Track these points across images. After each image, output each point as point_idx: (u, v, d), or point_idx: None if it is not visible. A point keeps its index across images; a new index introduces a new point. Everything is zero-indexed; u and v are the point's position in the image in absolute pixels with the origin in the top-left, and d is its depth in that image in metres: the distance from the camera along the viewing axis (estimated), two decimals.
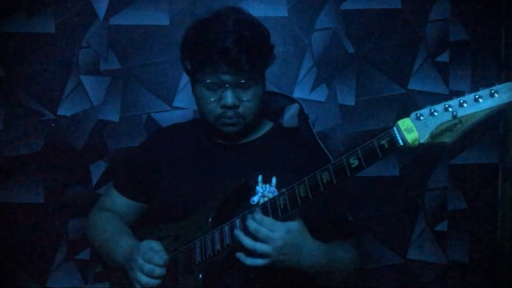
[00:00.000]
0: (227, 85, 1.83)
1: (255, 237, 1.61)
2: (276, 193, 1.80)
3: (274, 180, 1.85)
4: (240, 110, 1.87)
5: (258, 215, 1.62)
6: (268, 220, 1.61)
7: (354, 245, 1.92)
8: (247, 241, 1.61)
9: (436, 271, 2.68)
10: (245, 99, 1.86)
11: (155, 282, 1.75)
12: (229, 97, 1.83)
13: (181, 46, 1.94)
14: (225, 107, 1.85)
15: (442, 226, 2.68)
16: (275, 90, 2.49)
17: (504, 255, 2.65)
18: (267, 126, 2.06)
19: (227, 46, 1.78)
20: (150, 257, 1.76)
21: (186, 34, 1.93)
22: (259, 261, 1.61)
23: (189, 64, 1.93)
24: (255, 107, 1.89)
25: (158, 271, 1.75)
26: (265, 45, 1.92)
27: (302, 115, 2.25)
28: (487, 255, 2.68)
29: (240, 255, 1.63)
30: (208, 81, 1.85)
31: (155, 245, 1.79)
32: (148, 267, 1.75)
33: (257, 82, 1.88)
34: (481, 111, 1.30)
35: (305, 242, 1.65)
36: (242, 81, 1.83)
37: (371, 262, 2.66)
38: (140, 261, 1.76)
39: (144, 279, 1.75)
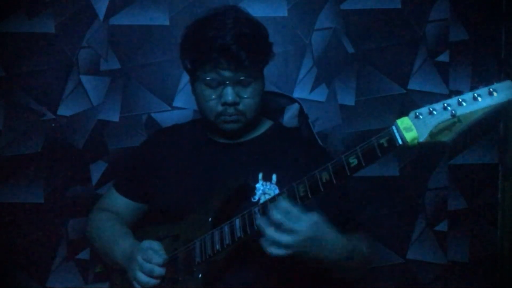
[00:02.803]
0: (227, 82, 1.83)
1: (277, 226, 1.53)
2: (276, 190, 1.80)
3: (274, 177, 1.84)
4: (241, 107, 1.87)
5: (284, 204, 1.54)
6: (294, 211, 1.53)
7: (366, 238, 1.89)
8: (271, 232, 1.53)
9: (436, 271, 2.68)
10: (245, 96, 1.87)
11: (154, 281, 1.75)
12: (229, 94, 1.84)
13: (181, 45, 1.95)
14: (225, 104, 1.85)
15: (442, 226, 2.68)
16: (275, 90, 2.50)
17: (504, 255, 2.65)
18: (267, 125, 2.06)
19: (226, 43, 1.79)
20: (150, 256, 1.76)
21: (186, 33, 1.94)
22: (281, 251, 1.54)
23: (188, 62, 1.93)
24: (255, 104, 1.90)
25: (158, 270, 1.75)
26: (264, 42, 1.92)
27: (302, 115, 2.25)
28: (487, 255, 2.68)
29: (264, 242, 1.55)
30: (208, 78, 1.85)
31: (155, 245, 1.80)
32: (147, 266, 1.75)
33: (256, 79, 1.88)
34: (480, 109, 1.30)
35: (328, 235, 1.59)
36: (242, 77, 1.84)
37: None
38: (140, 260, 1.76)
39: (144, 278, 1.75)
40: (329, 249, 1.59)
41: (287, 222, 1.51)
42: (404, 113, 1.43)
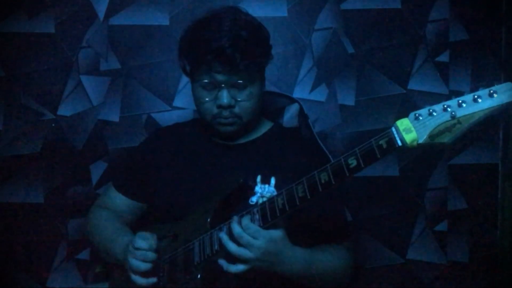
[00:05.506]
0: (223, 85, 1.83)
1: (238, 242, 1.64)
2: (275, 193, 1.80)
3: (273, 180, 1.84)
4: (236, 110, 1.87)
5: (245, 221, 1.64)
6: (253, 227, 1.63)
7: (347, 249, 1.92)
8: (231, 246, 1.64)
9: (436, 271, 2.68)
10: (241, 99, 1.86)
11: (147, 266, 1.77)
12: (224, 97, 1.83)
13: (179, 46, 1.94)
14: (220, 107, 1.85)
15: (442, 226, 2.67)
16: (275, 90, 2.49)
17: (504, 255, 2.65)
18: (267, 126, 2.05)
19: (221, 46, 1.78)
20: (140, 242, 1.78)
21: (184, 34, 1.93)
22: (240, 267, 1.64)
23: (185, 64, 1.93)
24: (251, 107, 1.89)
25: (150, 255, 1.77)
26: (262, 45, 1.90)
27: (302, 115, 2.24)
28: (487, 255, 2.68)
29: (223, 263, 1.66)
30: (204, 81, 1.85)
31: (145, 234, 1.81)
32: (140, 252, 1.77)
33: (253, 82, 1.87)
34: (480, 111, 1.30)
35: (285, 250, 1.68)
36: (239, 81, 1.83)
37: (371, 262, 2.66)
38: (131, 248, 1.79)
39: (136, 262, 1.77)
40: (285, 263, 1.68)
41: (246, 237, 1.61)
42: (404, 113, 1.43)
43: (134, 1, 2.56)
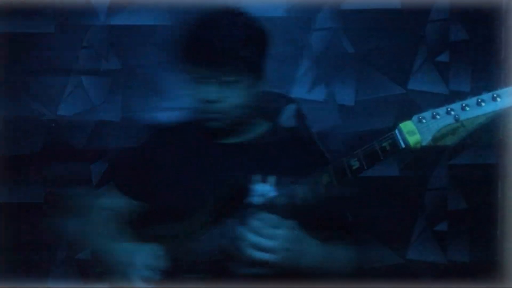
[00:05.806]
0: (212, 81, 1.82)
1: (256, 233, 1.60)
2: (274, 193, 1.80)
3: (272, 179, 1.84)
4: (223, 106, 1.85)
5: (263, 213, 1.62)
6: (272, 218, 1.60)
7: (352, 246, 1.93)
8: (252, 236, 1.60)
9: (436, 271, 2.68)
10: (228, 96, 1.85)
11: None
12: (209, 92, 1.83)
13: (175, 44, 1.94)
14: (206, 102, 1.84)
15: (442, 226, 2.68)
16: (273, 89, 2.49)
17: (504, 255, 2.65)
18: (265, 126, 2.05)
19: (211, 42, 1.78)
20: (150, 263, 1.77)
21: (181, 33, 1.93)
22: (266, 256, 1.60)
23: (180, 60, 1.93)
24: (240, 105, 1.87)
25: (155, 277, 1.76)
26: (256, 44, 1.90)
27: (300, 115, 2.24)
28: (487, 255, 2.69)
29: (249, 249, 1.62)
30: (193, 76, 1.85)
31: (156, 250, 1.80)
32: (146, 273, 1.76)
33: (244, 80, 1.85)
34: (484, 114, 1.30)
35: (305, 241, 1.66)
36: (228, 78, 1.82)
37: (371, 262, 2.66)
38: (139, 264, 1.78)
39: (139, 282, 1.77)
40: (307, 255, 1.67)
41: (266, 228, 1.59)
42: (404, 113, 1.43)
43: (134, 1, 2.56)
